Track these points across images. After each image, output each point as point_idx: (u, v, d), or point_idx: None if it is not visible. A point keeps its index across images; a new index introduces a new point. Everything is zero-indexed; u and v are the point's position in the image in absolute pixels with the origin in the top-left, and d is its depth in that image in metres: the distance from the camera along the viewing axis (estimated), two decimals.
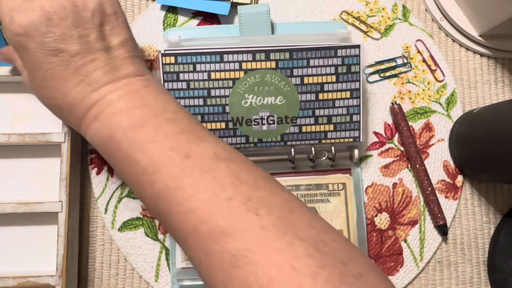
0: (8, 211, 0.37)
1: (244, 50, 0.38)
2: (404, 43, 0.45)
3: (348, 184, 0.41)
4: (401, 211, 0.43)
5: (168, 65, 0.38)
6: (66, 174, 0.37)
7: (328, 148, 0.41)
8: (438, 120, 0.44)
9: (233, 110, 0.39)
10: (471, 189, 0.44)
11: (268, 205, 0.26)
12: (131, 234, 0.41)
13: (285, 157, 0.40)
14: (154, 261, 0.41)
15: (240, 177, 0.27)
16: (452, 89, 0.44)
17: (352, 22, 0.45)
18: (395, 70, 0.44)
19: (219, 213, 0.26)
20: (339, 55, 0.39)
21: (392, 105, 0.43)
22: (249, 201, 0.26)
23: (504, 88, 0.45)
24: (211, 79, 0.38)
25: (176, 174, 0.27)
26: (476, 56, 0.45)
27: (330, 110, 0.39)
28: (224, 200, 0.26)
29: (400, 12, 0.45)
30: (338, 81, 0.39)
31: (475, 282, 0.42)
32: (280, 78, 0.39)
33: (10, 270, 0.39)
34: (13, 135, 0.37)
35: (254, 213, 0.25)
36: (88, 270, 0.41)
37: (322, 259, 0.24)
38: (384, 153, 0.43)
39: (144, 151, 0.28)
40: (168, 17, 0.44)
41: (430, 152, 0.43)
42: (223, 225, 0.25)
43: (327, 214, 0.40)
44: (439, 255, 0.43)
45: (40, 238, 0.39)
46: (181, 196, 0.27)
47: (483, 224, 0.43)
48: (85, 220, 0.42)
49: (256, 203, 0.26)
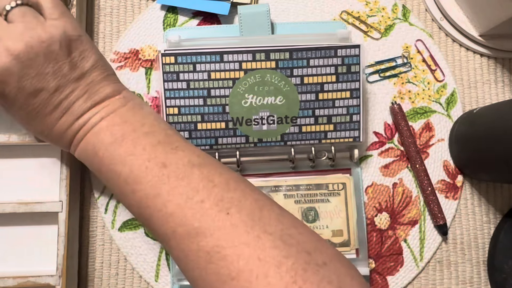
0: (8, 211, 0.37)
1: (244, 50, 0.38)
2: (404, 43, 0.45)
3: (348, 184, 0.41)
4: (401, 211, 0.43)
5: (168, 65, 0.38)
6: (66, 174, 0.37)
7: (328, 148, 0.41)
8: (438, 120, 0.44)
9: (233, 110, 0.39)
10: (471, 189, 0.44)
11: (238, 204, 0.28)
12: (131, 234, 0.41)
13: (285, 157, 0.40)
14: (154, 261, 0.41)
15: (213, 180, 0.30)
16: (452, 89, 0.44)
17: (352, 22, 0.45)
18: (395, 70, 0.44)
19: (193, 215, 0.28)
20: (339, 55, 0.39)
21: (392, 105, 0.43)
22: (220, 201, 0.28)
23: (504, 88, 0.45)
24: (211, 79, 0.38)
25: (155, 182, 0.29)
26: (476, 56, 0.45)
27: (330, 110, 0.39)
28: (198, 202, 0.28)
29: (400, 12, 0.45)
30: (338, 81, 0.39)
31: (475, 282, 0.42)
32: (280, 78, 0.39)
33: (10, 270, 0.39)
34: (13, 135, 0.37)
35: (225, 212, 0.28)
36: (88, 270, 0.41)
37: (288, 250, 0.26)
38: (384, 153, 0.43)
39: (125, 164, 0.30)
40: (168, 17, 0.44)
41: (430, 152, 0.43)
42: (197, 225, 0.28)
43: (327, 214, 0.40)
44: (439, 255, 0.42)
45: (40, 238, 0.39)
46: (160, 202, 0.29)
47: (483, 224, 0.43)
48: (85, 220, 0.42)
49: (227, 203, 0.28)
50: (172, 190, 0.29)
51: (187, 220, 0.28)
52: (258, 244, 0.26)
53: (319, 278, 0.25)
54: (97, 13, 0.44)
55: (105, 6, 0.44)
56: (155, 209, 0.29)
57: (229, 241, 0.27)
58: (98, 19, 0.44)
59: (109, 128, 0.31)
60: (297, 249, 0.27)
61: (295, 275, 0.25)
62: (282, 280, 0.25)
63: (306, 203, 0.41)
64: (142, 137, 0.31)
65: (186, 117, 0.39)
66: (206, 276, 0.27)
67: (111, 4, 0.44)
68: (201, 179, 0.29)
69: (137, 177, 0.30)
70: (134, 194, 0.30)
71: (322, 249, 0.28)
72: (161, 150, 0.30)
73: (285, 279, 0.25)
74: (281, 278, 0.25)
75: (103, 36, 0.44)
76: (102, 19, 0.44)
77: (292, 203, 0.40)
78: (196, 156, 0.31)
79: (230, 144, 0.39)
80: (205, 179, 0.29)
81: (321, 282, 0.25)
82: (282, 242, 0.27)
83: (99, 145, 0.31)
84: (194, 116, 0.39)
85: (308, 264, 0.26)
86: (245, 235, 0.27)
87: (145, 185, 0.29)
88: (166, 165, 0.30)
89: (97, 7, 0.44)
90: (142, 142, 0.31)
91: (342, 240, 0.40)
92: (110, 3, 0.44)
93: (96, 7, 0.44)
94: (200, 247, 0.27)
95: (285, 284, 0.25)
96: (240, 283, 0.26)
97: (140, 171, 0.30)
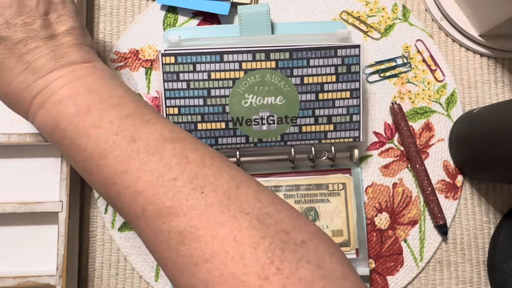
0: (8, 211, 0.37)
1: (244, 50, 0.38)
2: (404, 43, 0.45)
3: (348, 184, 0.41)
4: (401, 211, 0.43)
5: (168, 65, 0.38)
6: (66, 174, 0.37)
7: (328, 148, 0.41)
8: (438, 120, 0.44)
9: (233, 110, 0.39)
10: (471, 189, 0.44)
11: (213, 182, 0.27)
12: (131, 234, 0.41)
13: (285, 157, 0.40)
14: (154, 261, 0.41)
15: (187, 156, 0.28)
16: (452, 89, 0.44)
17: (352, 22, 0.45)
18: (395, 70, 0.44)
19: (165, 193, 0.26)
20: (339, 55, 0.39)
21: (392, 105, 0.43)
22: (194, 179, 0.27)
23: (504, 88, 0.45)
24: (211, 79, 0.38)
25: (123, 158, 0.27)
26: (476, 56, 0.45)
27: (330, 110, 0.39)
28: (170, 180, 0.27)
29: (400, 12, 0.45)
30: (338, 81, 0.39)
31: (475, 282, 0.42)
32: (280, 78, 0.39)
33: (10, 270, 0.39)
34: (14, 135, 0.37)
35: (200, 191, 0.26)
36: (88, 270, 0.41)
37: (265, 230, 0.25)
38: (384, 153, 0.43)
39: (90, 137, 0.28)
40: (168, 17, 0.44)
41: (430, 152, 0.43)
42: (169, 204, 0.26)
43: (327, 214, 0.40)
44: (439, 255, 0.43)
45: (40, 238, 0.39)
46: (128, 179, 0.27)
47: (483, 224, 0.43)
48: (85, 220, 0.42)
49: (201, 181, 0.27)
50: (142, 166, 0.27)
51: (158, 199, 0.26)
52: (234, 224, 0.25)
53: (298, 258, 0.25)
54: (97, 13, 0.44)
55: (105, 6, 0.44)
56: (123, 186, 0.27)
57: (203, 221, 0.25)
58: (98, 19, 0.44)
59: (72, 98, 0.29)
60: (275, 228, 0.26)
61: (272, 256, 0.24)
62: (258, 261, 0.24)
63: (306, 203, 0.41)
64: (109, 109, 0.29)
65: (186, 117, 0.39)
66: (177, 258, 0.26)
67: (111, 4, 0.44)
68: (174, 155, 0.28)
69: (103, 152, 0.28)
70: (99, 170, 0.28)
71: (301, 226, 0.27)
72: (130, 123, 0.28)
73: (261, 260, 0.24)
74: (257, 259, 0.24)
75: (103, 36, 0.44)
76: (102, 19, 0.44)
77: (292, 203, 0.40)
78: (168, 130, 0.29)
79: (230, 144, 0.39)
80: (178, 155, 0.28)
81: (299, 262, 0.25)
82: (259, 222, 0.26)
83: (61, 115, 0.29)
84: (194, 116, 0.39)
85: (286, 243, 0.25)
86: (220, 215, 0.26)
87: (112, 160, 0.27)
88: (136, 139, 0.28)
89: (97, 6, 0.44)
90: (110, 114, 0.28)
91: (342, 240, 0.40)
92: (110, 3, 0.44)
93: (96, 6, 0.44)
94: (172, 228, 0.26)
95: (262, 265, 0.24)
96: (214, 266, 0.25)
97: (106, 145, 0.28)
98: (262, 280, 0.24)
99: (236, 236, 0.25)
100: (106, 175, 0.28)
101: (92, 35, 0.44)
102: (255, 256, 0.24)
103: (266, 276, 0.24)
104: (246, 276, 0.24)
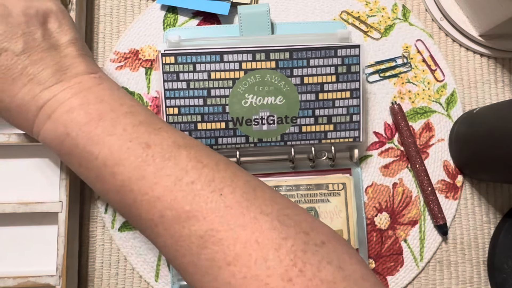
0: (8, 211, 0.37)
1: (244, 50, 0.38)
2: (404, 43, 0.45)
3: (348, 184, 0.41)
4: (401, 211, 0.43)
5: (168, 65, 0.38)
6: (66, 174, 0.37)
7: (328, 148, 0.41)
8: (438, 120, 0.44)
9: (233, 110, 0.39)
10: (471, 189, 0.44)
11: (231, 184, 0.27)
12: (131, 234, 0.41)
13: (285, 157, 0.40)
14: (154, 261, 0.41)
15: (202, 161, 0.28)
16: (452, 89, 0.44)
17: (352, 22, 0.45)
18: (395, 70, 0.44)
19: (183, 197, 0.26)
20: (339, 55, 0.39)
21: (392, 105, 0.43)
22: (212, 182, 0.27)
23: (504, 88, 0.45)
24: (211, 79, 0.38)
25: (138, 164, 0.27)
26: (476, 56, 0.45)
27: (330, 110, 0.39)
28: (188, 184, 0.26)
29: (400, 12, 0.45)
30: (338, 81, 0.39)
31: (475, 282, 0.42)
32: (280, 78, 0.39)
33: (10, 270, 0.39)
34: (13, 135, 0.37)
35: (218, 193, 0.26)
36: (88, 270, 0.41)
37: (286, 231, 0.25)
38: (384, 153, 0.43)
39: (103, 144, 0.28)
40: (168, 17, 0.44)
41: (430, 152, 0.43)
42: (188, 208, 0.26)
43: (327, 214, 0.40)
44: (439, 255, 0.42)
45: (40, 238, 0.39)
46: (145, 185, 0.27)
47: (483, 224, 0.43)
48: (85, 220, 0.42)
49: (219, 184, 0.27)
50: (158, 172, 0.27)
51: (176, 203, 0.26)
52: (256, 226, 0.25)
53: (319, 259, 0.25)
54: (97, 13, 0.44)
55: (105, 6, 0.44)
56: (139, 192, 0.27)
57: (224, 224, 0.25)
58: (98, 19, 0.44)
59: (83, 107, 0.28)
60: (295, 229, 0.26)
61: (294, 257, 0.24)
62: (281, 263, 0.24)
63: (306, 203, 0.41)
64: (121, 117, 0.28)
65: (186, 117, 0.39)
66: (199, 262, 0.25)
67: (111, 4, 0.44)
68: (189, 159, 0.27)
69: (118, 159, 0.27)
70: (114, 177, 0.27)
71: (319, 228, 0.27)
72: (143, 130, 0.28)
73: (284, 262, 0.24)
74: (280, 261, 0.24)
75: (103, 36, 0.44)
76: (102, 19, 0.44)
77: None
78: (181, 137, 0.29)
79: (230, 144, 0.39)
80: (194, 159, 0.28)
81: (320, 263, 0.25)
82: (279, 223, 0.26)
83: (72, 124, 0.28)
84: (194, 116, 0.39)
85: (307, 244, 0.25)
86: (241, 216, 0.25)
87: (128, 167, 0.27)
88: (150, 145, 0.27)
89: (97, 7, 0.44)
90: (122, 122, 0.28)
91: None
92: (110, 3, 0.44)
93: (96, 7, 0.44)
94: (192, 232, 0.25)
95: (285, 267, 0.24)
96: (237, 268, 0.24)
97: (121, 152, 0.27)
98: (286, 282, 0.24)
99: (258, 238, 0.25)
100: (121, 182, 0.27)
101: (92, 35, 0.44)
102: (278, 258, 0.24)
103: (289, 278, 0.24)
104: (269, 278, 0.24)
